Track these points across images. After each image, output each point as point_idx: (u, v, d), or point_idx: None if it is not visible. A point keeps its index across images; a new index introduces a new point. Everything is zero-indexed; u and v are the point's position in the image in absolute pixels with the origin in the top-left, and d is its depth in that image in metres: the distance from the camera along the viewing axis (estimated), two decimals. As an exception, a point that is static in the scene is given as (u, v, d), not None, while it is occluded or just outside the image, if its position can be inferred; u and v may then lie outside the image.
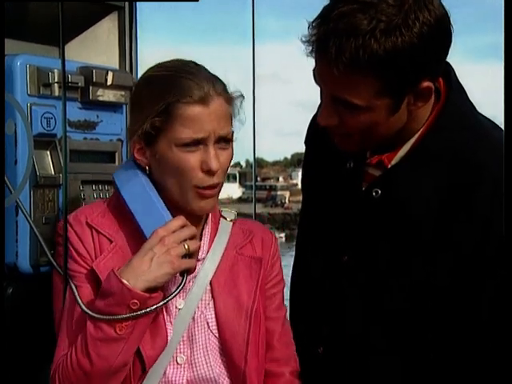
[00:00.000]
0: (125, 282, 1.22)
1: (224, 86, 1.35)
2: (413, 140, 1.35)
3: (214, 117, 1.30)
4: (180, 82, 1.30)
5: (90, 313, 1.24)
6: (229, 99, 1.34)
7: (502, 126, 1.08)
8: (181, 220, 1.32)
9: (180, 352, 1.36)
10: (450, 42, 1.27)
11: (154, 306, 1.25)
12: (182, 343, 1.36)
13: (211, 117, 1.30)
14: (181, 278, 1.30)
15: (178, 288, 1.29)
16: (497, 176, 1.25)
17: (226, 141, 1.33)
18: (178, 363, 1.36)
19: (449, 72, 1.38)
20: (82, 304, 1.28)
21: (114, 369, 1.25)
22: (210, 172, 1.31)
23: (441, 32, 1.23)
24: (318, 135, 1.49)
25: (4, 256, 1.55)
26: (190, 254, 1.30)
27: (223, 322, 1.38)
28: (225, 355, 1.38)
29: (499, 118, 1.20)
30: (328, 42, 1.21)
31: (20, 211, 1.51)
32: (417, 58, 1.20)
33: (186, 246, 1.29)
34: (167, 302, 1.28)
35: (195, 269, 1.33)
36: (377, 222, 1.37)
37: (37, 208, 1.57)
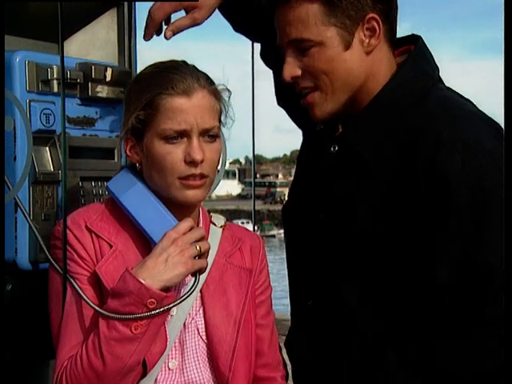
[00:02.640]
0: (142, 281, 1.23)
1: (210, 80, 1.37)
2: (369, 99, 1.42)
3: (196, 109, 1.32)
4: (165, 76, 1.33)
5: (106, 313, 1.25)
6: (213, 92, 1.36)
7: (501, 124, 1.09)
8: (189, 222, 1.33)
9: (172, 357, 1.37)
10: None
11: (170, 305, 1.27)
12: (173, 349, 1.37)
13: (194, 109, 1.32)
14: (192, 279, 1.32)
15: (192, 287, 1.30)
16: (443, 130, 1.30)
17: (211, 135, 1.35)
18: (169, 368, 1.37)
19: (417, 41, 1.45)
20: (93, 304, 1.28)
21: (127, 369, 1.26)
22: (192, 162, 1.32)
23: None
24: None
25: (4, 253, 1.55)
26: (201, 255, 1.32)
27: (212, 329, 1.39)
28: (212, 361, 1.40)
29: (499, 117, 1.21)
30: None
31: (19, 208, 1.51)
32: None
33: (198, 247, 1.31)
34: (182, 301, 1.29)
35: (206, 268, 1.34)
36: (339, 175, 1.44)
37: (36, 204, 1.57)
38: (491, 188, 1.27)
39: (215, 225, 1.49)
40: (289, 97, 1.62)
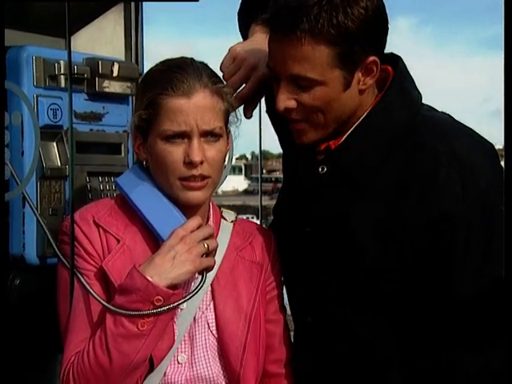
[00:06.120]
0: (150, 278, 1.24)
1: (214, 79, 1.35)
2: (358, 122, 1.42)
3: (197, 110, 1.30)
4: (167, 75, 1.32)
5: (114, 309, 1.25)
6: (217, 91, 1.33)
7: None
8: (198, 220, 1.34)
9: (181, 351, 1.37)
10: (388, 22, 1.37)
11: (177, 303, 1.27)
12: (183, 342, 1.37)
13: (194, 110, 1.30)
14: (200, 277, 1.32)
15: (199, 285, 1.30)
16: (439, 152, 1.33)
17: (213, 135, 1.33)
18: (178, 362, 1.37)
19: (397, 62, 1.45)
20: (102, 300, 1.28)
21: (133, 365, 1.26)
22: (191, 164, 1.31)
23: (381, 11, 1.35)
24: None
25: (8, 248, 1.56)
26: (208, 253, 1.32)
27: (222, 324, 1.39)
28: (223, 356, 1.40)
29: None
30: (282, 14, 1.32)
31: (26, 202, 1.51)
32: (362, 30, 1.30)
33: (206, 245, 1.31)
34: (189, 299, 1.29)
35: (213, 267, 1.34)
36: (328, 195, 1.43)
37: (43, 199, 1.57)
38: (494, 203, 1.30)
39: (226, 220, 1.49)
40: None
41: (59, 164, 1.60)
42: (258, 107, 1.63)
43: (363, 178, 1.38)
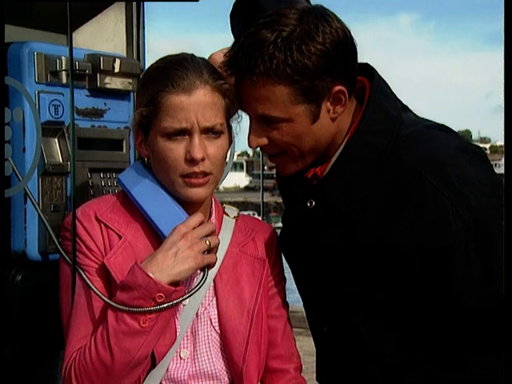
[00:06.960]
0: (151, 275, 1.24)
1: (215, 75, 1.34)
2: (341, 148, 1.41)
3: (197, 106, 1.30)
4: (167, 72, 1.32)
5: (116, 305, 1.25)
6: (218, 88, 1.33)
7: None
8: (199, 217, 1.33)
9: (184, 347, 1.38)
10: (355, 50, 1.36)
11: (179, 299, 1.27)
12: (185, 338, 1.38)
13: (194, 106, 1.30)
14: (202, 273, 1.32)
15: (200, 282, 1.30)
16: (419, 172, 1.31)
17: (214, 132, 1.33)
18: (181, 358, 1.37)
19: (372, 74, 1.43)
20: (103, 297, 1.28)
21: (135, 362, 1.26)
22: (193, 161, 1.31)
23: (341, 41, 1.32)
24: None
25: (10, 245, 1.56)
26: (210, 250, 1.32)
27: (225, 319, 1.39)
28: (225, 351, 1.40)
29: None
30: (238, 58, 1.32)
31: (28, 199, 1.51)
32: (321, 64, 1.29)
33: (208, 242, 1.31)
34: (190, 295, 1.29)
35: (215, 263, 1.34)
36: (318, 228, 1.43)
37: (45, 195, 1.57)
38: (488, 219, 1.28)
39: (228, 216, 1.49)
40: None
41: (61, 160, 1.60)
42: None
43: (353, 211, 1.37)
